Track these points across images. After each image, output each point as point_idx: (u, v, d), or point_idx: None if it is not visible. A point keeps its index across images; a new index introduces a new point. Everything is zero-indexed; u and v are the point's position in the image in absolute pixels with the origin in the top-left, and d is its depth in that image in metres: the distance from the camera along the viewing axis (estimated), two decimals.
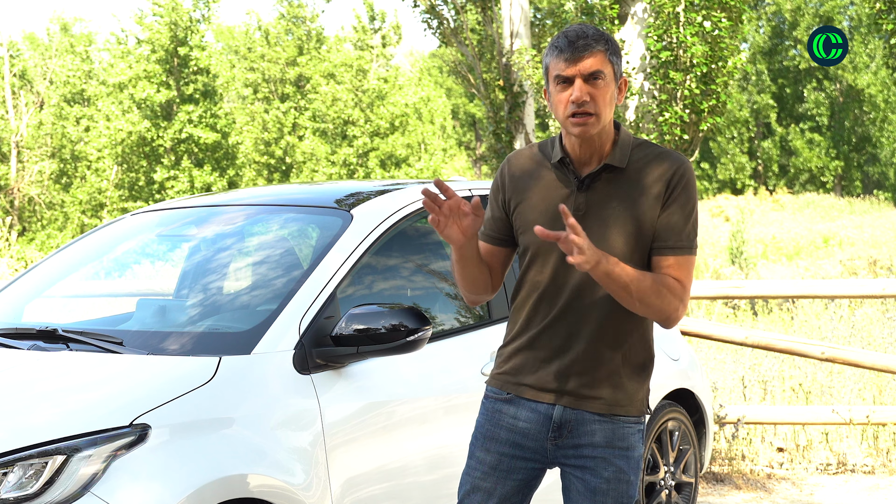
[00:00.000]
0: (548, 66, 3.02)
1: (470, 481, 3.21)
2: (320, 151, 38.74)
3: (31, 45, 47.00)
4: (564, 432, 3.10)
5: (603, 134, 3.04)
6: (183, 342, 3.86)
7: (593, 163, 3.06)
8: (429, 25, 18.16)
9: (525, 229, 3.11)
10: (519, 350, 3.15)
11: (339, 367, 3.86)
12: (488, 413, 3.21)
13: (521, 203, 3.13)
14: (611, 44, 3.01)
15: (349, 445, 3.82)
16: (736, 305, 15.56)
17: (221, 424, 3.47)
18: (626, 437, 3.11)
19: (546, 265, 3.07)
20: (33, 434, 3.20)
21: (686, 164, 3.04)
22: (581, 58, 2.95)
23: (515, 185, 3.16)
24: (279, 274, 4.38)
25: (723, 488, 6.96)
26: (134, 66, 35.00)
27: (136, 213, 5.21)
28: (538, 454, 3.15)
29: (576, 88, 2.95)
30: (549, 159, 3.13)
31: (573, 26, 3.02)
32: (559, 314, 3.07)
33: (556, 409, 3.09)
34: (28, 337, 4.02)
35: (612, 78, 3.02)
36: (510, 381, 3.16)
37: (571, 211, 3.01)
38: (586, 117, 2.97)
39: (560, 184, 3.08)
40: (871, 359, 7.29)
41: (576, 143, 3.05)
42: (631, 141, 3.10)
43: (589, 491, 3.10)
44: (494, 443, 3.17)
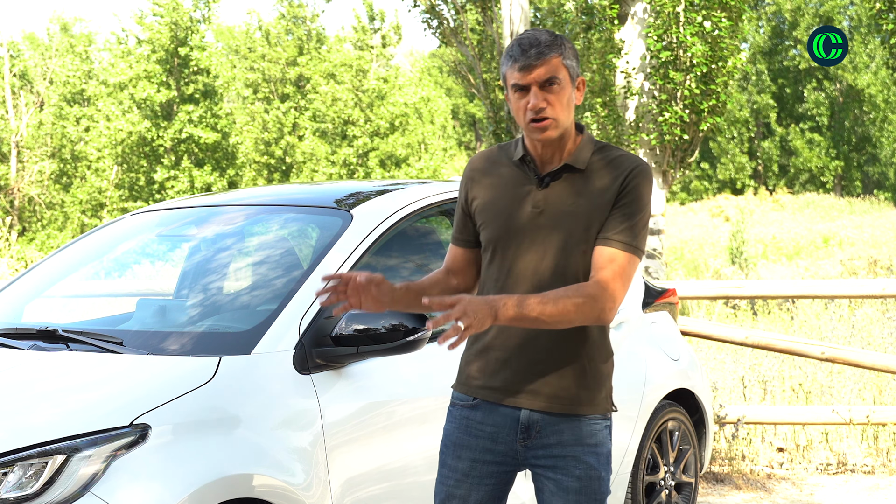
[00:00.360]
0: (505, 74, 3.06)
1: (444, 490, 3.22)
2: (320, 151, 38.74)
3: (31, 45, 46.98)
4: (533, 433, 3.11)
5: (564, 136, 3.09)
6: (183, 342, 3.86)
7: (554, 162, 3.11)
8: (429, 25, 18.16)
9: (486, 226, 3.15)
10: (481, 352, 3.16)
11: (339, 367, 3.86)
12: (456, 420, 3.22)
13: (482, 200, 3.17)
14: (565, 48, 3.04)
15: (349, 445, 3.82)
16: (736, 305, 15.56)
17: (221, 424, 3.47)
18: (594, 433, 3.13)
19: (504, 261, 3.11)
20: (33, 434, 3.20)
21: (642, 167, 3.08)
22: (535, 66, 2.99)
23: (477, 184, 3.20)
24: (279, 274, 4.38)
25: (723, 488, 6.97)
26: (134, 66, 34.99)
27: (136, 213, 5.21)
28: (509, 457, 3.16)
29: (532, 96, 3.00)
30: (510, 158, 3.18)
31: (526, 33, 3.05)
32: None
33: (521, 411, 3.11)
34: (28, 337, 4.02)
35: (569, 81, 3.05)
36: (474, 386, 3.17)
37: (530, 207, 3.07)
38: (545, 122, 3.01)
39: (520, 181, 3.13)
40: (871, 359, 7.30)
41: (538, 144, 3.10)
42: (593, 143, 3.14)
43: (561, 490, 3.11)
44: (465, 449, 3.18)
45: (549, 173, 3.09)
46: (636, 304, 5.50)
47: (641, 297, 5.57)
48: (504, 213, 3.11)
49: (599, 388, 3.15)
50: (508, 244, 3.10)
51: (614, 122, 14.37)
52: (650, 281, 5.90)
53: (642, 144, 14.51)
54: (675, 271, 25.95)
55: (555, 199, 3.08)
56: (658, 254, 14.60)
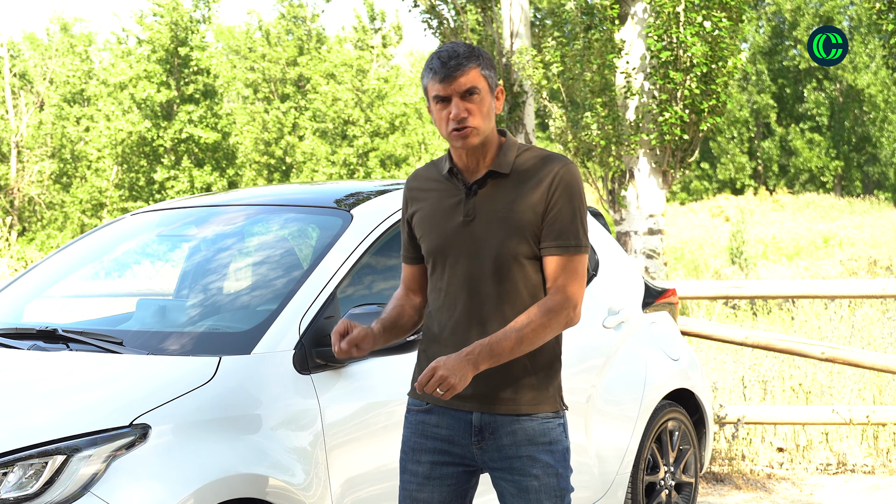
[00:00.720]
0: (426, 87, 3.16)
1: (408, 495, 3.29)
2: (320, 151, 38.73)
3: (31, 45, 46.95)
4: (486, 435, 3.17)
5: (487, 143, 3.18)
6: (183, 342, 3.87)
7: (480, 170, 3.20)
8: (429, 25, 18.15)
9: (424, 238, 3.25)
10: (430, 358, 3.23)
11: (339, 367, 3.87)
12: (412, 426, 3.29)
13: (419, 215, 3.28)
14: (483, 59, 3.15)
15: (349, 445, 3.82)
16: (736, 305, 15.56)
17: (221, 424, 3.48)
18: (547, 432, 3.18)
19: (445, 271, 3.21)
20: (33, 434, 3.21)
21: (568, 165, 3.17)
22: (455, 77, 3.09)
23: (414, 201, 3.32)
24: (279, 274, 4.39)
25: (723, 488, 6.97)
26: (134, 66, 34.99)
27: (136, 213, 5.21)
28: (467, 459, 3.23)
29: (453, 106, 3.10)
30: (440, 172, 3.28)
31: (445, 46, 3.16)
32: (459, 320, 3.18)
33: (473, 414, 3.18)
34: (28, 337, 4.03)
35: (488, 91, 3.15)
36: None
37: (461, 216, 3.18)
38: (466, 130, 3.10)
39: (450, 193, 3.23)
40: (871, 359, 7.30)
41: (462, 153, 3.20)
42: (516, 147, 3.24)
43: (521, 491, 3.16)
44: (423, 453, 3.25)
45: (476, 181, 3.19)
46: (636, 304, 5.50)
47: (641, 298, 5.58)
48: (438, 224, 3.21)
49: (546, 386, 3.20)
50: (446, 254, 3.19)
51: (614, 122, 14.36)
52: (650, 281, 5.91)
53: (642, 144, 14.50)
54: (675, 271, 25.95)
55: (484, 206, 3.17)
56: (658, 254, 14.59)
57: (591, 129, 14.51)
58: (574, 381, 4.88)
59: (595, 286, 5.24)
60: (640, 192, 14.64)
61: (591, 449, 4.93)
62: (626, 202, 14.68)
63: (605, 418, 5.02)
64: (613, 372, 5.13)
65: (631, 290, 5.52)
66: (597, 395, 4.99)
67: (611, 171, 14.63)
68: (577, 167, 3.20)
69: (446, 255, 3.19)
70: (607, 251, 5.49)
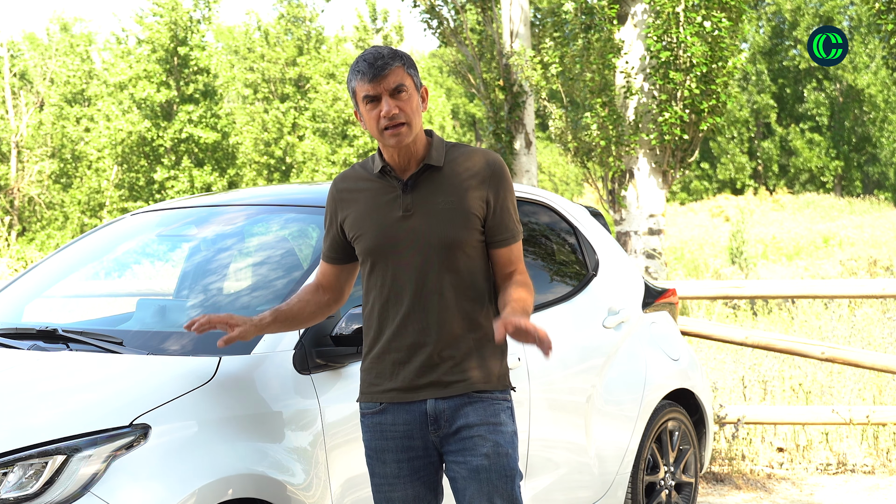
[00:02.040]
0: (354, 89, 3.27)
1: (382, 497, 3.37)
2: (320, 151, 38.74)
3: (31, 45, 46.95)
4: (442, 422, 3.27)
5: (417, 140, 3.29)
6: (183, 342, 3.87)
7: (412, 166, 3.31)
8: (429, 25, 18.15)
9: (361, 238, 3.33)
10: (377, 358, 3.33)
11: (339, 367, 3.87)
12: (370, 429, 3.37)
13: (352, 216, 3.36)
14: (406, 59, 3.28)
15: (349, 445, 3.82)
16: (736, 305, 15.57)
17: (222, 424, 3.48)
18: (497, 413, 3.29)
19: (387, 269, 3.29)
20: (33, 434, 3.21)
21: (497, 159, 3.34)
22: (384, 76, 3.21)
23: (344, 202, 3.39)
24: (279, 274, 4.39)
25: (723, 488, 6.97)
26: (134, 66, 34.99)
27: (136, 213, 5.21)
28: (429, 450, 3.32)
29: (384, 104, 3.21)
30: (371, 172, 3.37)
31: (368, 50, 3.27)
32: (407, 313, 3.27)
33: (427, 403, 3.28)
34: (28, 337, 4.03)
35: (414, 89, 3.28)
36: (377, 392, 3.34)
37: (400, 212, 3.28)
38: (399, 127, 3.22)
39: (385, 191, 3.32)
40: (871, 359, 7.30)
41: (394, 152, 3.29)
42: (444, 143, 3.37)
43: (472, 471, 3.24)
44: (387, 453, 3.33)
45: (411, 176, 3.30)
46: (636, 304, 5.50)
47: (641, 297, 5.57)
48: (376, 222, 3.30)
49: (493, 366, 3.31)
50: (386, 251, 3.28)
51: (614, 122, 14.36)
52: (650, 281, 5.91)
53: (642, 144, 14.50)
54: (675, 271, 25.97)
55: (421, 199, 3.29)
56: (658, 254, 14.59)
57: (590, 130, 14.50)
58: (574, 381, 4.89)
59: (595, 286, 5.24)
60: (640, 192, 14.64)
61: (591, 449, 4.93)
62: (626, 202, 14.67)
63: (605, 418, 5.02)
64: (613, 372, 5.13)
65: (631, 290, 5.52)
66: (597, 395, 4.99)
67: (611, 171, 14.62)
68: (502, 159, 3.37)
69: (387, 253, 3.27)
70: (607, 251, 5.48)
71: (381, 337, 3.31)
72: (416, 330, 3.26)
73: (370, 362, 3.35)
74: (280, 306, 3.45)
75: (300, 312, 3.46)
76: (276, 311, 3.43)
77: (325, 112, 39.50)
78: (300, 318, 3.47)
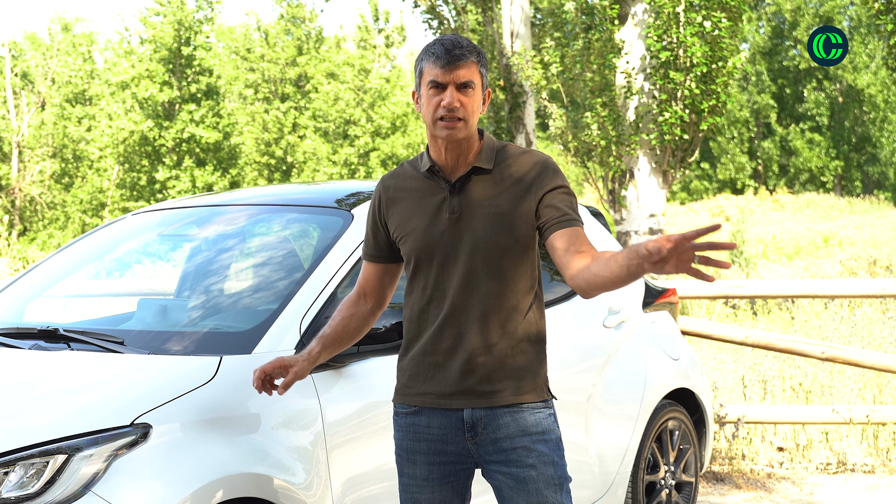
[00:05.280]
0: (422, 70, 3.16)
1: (409, 497, 3.30)
2: (321, 151, 38.77)
3: (32, 45, 46.98)
4: (479, 430, 3.18)
5: (468, 140, 3.19)
6: (184, 342, 3.87)
7: (461, 167, 3.21)
8: (429, 26, 18.18)
9: (406, 238, 3.24)
10: (413, 360, 3.25)
11: (340, 367, 3.87)
12: (403, 429, 3.30)
13: (399, 215, 3.27)
14: (481, 56, 3.18)
15: (350, 445, 3.83)
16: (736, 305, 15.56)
17: (222, 424, 3.48)
18: (539, 422, 3.19)
19: (430, 271, 3.21)
20: (34, 433, 3.21)
21: (546, 159, 3.22)
22: (457, 67, 3.11)
23: (391, 201, 3.30)
24: (280, 274, 4.40)
25: (723, 487, 6.98)
26: (136, 66, 35.03)
27: (137, 212, 5.22)
28: (462, 455, 3.23)
29: (448, 94, 3.11)
30: (418, 171, 3.28)
31: (448, 35, 3.17)
32: (447, 317, 3.18)
33: (464, 411, 3.19)
34: (29, 336, 4.04)
35: (481, 88, 3.19)
36: (412, 394, 3.26)
37: (447, 214, 3.18)
38: (455, 122, 3.12)
39: (432, 191, 3.23)
40: (871, 358, 7.31)
41: (442, 150, 3.20)
42: (495, 144, 3.26)
43: (519, 483, 3.16)
44: (418, 455, 3.25)
45: (459, 178, 3.20)
46: (636, 303, 5.51)
47: (642, 297, 5.59)
48: (422, 224, 3.21)
49: (534, 376, 3.22)
50: (432, 253, 3.20)
51: (614, 122, 14.38)
52: (650, 281, 5.92)
53: (642, 144, 14.52)
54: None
55: (469, 202, 3.18)
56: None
57: (591, 129, 14.52)
58: (574, 380, 4.89)
59: None
60: (641, 191, 14.65)
61: (592, 448, 4.94)
62: (626, 202, 14.69)
63: (605, 418, 5.03)
64: (614, 371, 5.14)
65: (631, 289, 5.53)
66: (597, 395, 5.00)
67: (611, 171, 14.64)
68: (553, 160, 3.26)
69: (432, 255, 3.19)
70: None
71: (419, 339, 3.24)
72: (455, 335, 3.17)
73: (406, 363, 3.28)
74: (324, 331, 3.38)
75: (345, 330, 3.38)
76: (321, 339, 3.36)
77: (327, 112, 39.52)
78: (346, 335, 3.39)
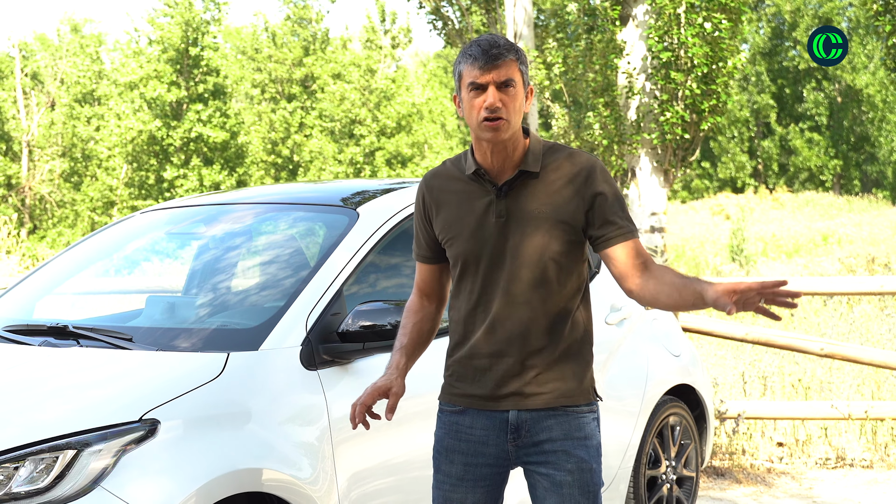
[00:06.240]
0: (461, 73, 3.11)
1: (441, 495, 3.27)
2: (327, 150, 38.80)
3: (42, 45, 47.02)
4: (522, 433, 3.16)
5: (513, 140, 3.13)
6: (192, 338, 3.89)
7: (508, 170, 3.15)
8: (434, 26, 18.22)
9: (453, 241, 3.20)
10: (459, 362, 3.23)
11: (346, 363, 3.89)
12: (445, 427, 3.27)
13: (445, 217, 3.22)
14: (520, 54, 3.12)
15: (355, 440, 3.84)
16: None
17: (230, 419, 3.50)
18: (583, 426, 3.17)
19: (477, 274, 3.16)
20: (44, 429, 3.23)
21: (596, 161, 3.16)
22: (495, 66, 3.05)
23: (436, 202, 3.25)
24: (286, 272, 4.41)
25: (723, 482, 7.01)
26: (145, 66, 35.05)
27: (145, 211, 5.23)
28: (500, 458, 3.21)
29: (489, 95, 3.05)
30: (463, 173, 3.22)
31: (485, 36, 3.11)
32: (493, 321, 3.14)
33: (510, 413, 3.16)
34: (39, 333, 4.06)
35: (522, 86, 3.11)
36: (458, 394, 3.24)
37: (493, 218, 3.13)
38: (498, 122, 3.05)
39: (478, 194, 3.17)
40: (870, 355, 7.34)
41: (487, 152, 3.13)
42: (542, 145, 3.20)
43: (554, 485, 3.14)
44: (457, 454, 3.23)
45: (507, 181, 3.14)
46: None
47: None
48: (469, 227, 3.16)
49: (581, 379, 3.20)
50: (479, 256, 3.15)
51: (616, 122, 14.41)
52: None
53: (644, 144, 14.55)
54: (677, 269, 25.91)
55: (517, 205, 3.13)
56: (659, 251, 14.64)
57: (593, 129, 14.56)
58: None
59: (597, 283, 5.27)
60: (642, 190, 14.69)
61: None
62: (628, 200, 14.72)
63: (607, 413, 5.05)
64: (616, 368, 5.17)
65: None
66: (599, 391, 5.03)
67: (613, 171, 14.67)
68: (601, 161, 3.19)
69: (479, 258, 3.15)
70: None
71: (466, 342, 3.20)
72: (501, 339, 3.14)
73: (452, 364, 3.26)
74: (401, 342, 3.32)
75: (420, 335, 3.34)
76: (403, 350, 3.31)
77: (333, 112, 39.55)
78: (422, 339, 3.35)
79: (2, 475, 3.14)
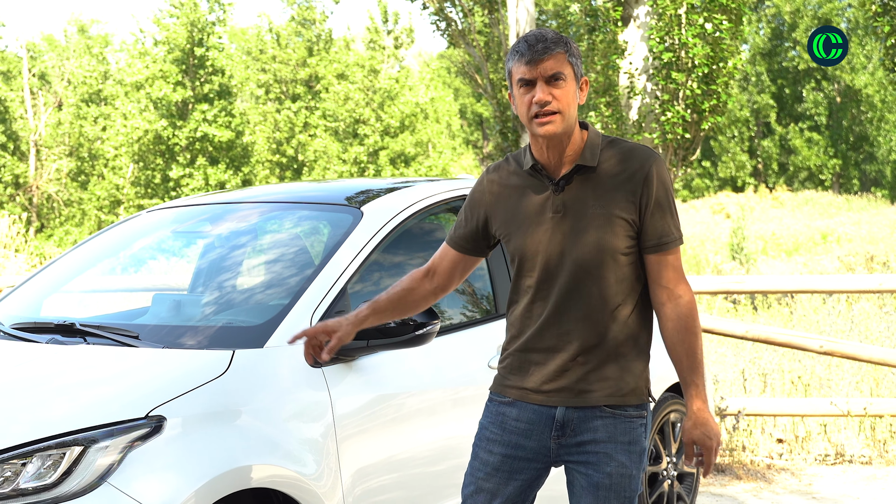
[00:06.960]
0: (511, 70, 3.09)
1: (474, 482, 3.23)
2: (332, 150, 38.81)
3: (49, 46, 47.03)
4: (567, 430, 3.14)
5: (568, 134, 3.11)
6: (197, 336, 3.90)
7: (565, 164, 3.12)
8: (437, 27, 18.25)
9: (511, 237, 3.19)
10: (513, 356, 3.21)
11: (350, 361, 3.90)
12: (491, 415, 3.25)
13: (501, 213, 3.21)
14: (570, 46, 3.08)
15: (359, 437, 3.86)
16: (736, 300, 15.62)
17: (235, 416, 3.51)
18: (629, 431, 3.14)
19: (534, 269, 3.14)
20: (51, 426, 3.24)
21: (655, 158, 3.12)
22: (542, 60, 3.02)
23: (494, 197, 3.24)
24: (291, 270, 4.42)
25: (724, 478, 7.03)
26: (150, 66, 35.06)
27: (151, 209, 5.24)
28: (541, 454, 3.18)
29: (538, 90, 3.03)
30: (522, 168, 3.20)
31: (532, 31, 3.08)
32: (549, 316, 3.13)
33: (557, 409, 3.14)
34: (46, 331, 4.07)
35: (573, 78, 3.08)
36: (510, 386, 3.21)
37: (550, 213, 3.11)
38: (550, 116, 3.03)
39: (536, 189, 3.15)
40: (869, 352, 7.36)
41: (544, 147, 3.11)
42: (600, 139, 3.16)
43: (591, 486, 3.11)
44: (497, 445, 3.20)
45: (564, 176, 3.11)
46: None
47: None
48: (526, 221, 3.14)
49: (634, 378, 3.17)
50: (536, 252, 3.13)
51: (618, 122, 14.44)
52: None
53: (645, 143, 14.58)
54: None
55: (574, 200, 3.10)
56: None
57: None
58: None
59: None
60: None
61: None
62: None
63: None
64: None
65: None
66: None
67: None
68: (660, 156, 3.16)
69: (536, 253, 3.12)
70: None
71: (522, 336, 3.18)
72: (556, 334, 3.12)
73: (507, 357, 3.23)
74: (378, 297, 3.33)
75: (401, 301, 3.34)
76: (373, 304, 3.31)
77: (337, 111, 39.56)
78: (400, 306, 3.35)
79: (9, 471, 3.15)
